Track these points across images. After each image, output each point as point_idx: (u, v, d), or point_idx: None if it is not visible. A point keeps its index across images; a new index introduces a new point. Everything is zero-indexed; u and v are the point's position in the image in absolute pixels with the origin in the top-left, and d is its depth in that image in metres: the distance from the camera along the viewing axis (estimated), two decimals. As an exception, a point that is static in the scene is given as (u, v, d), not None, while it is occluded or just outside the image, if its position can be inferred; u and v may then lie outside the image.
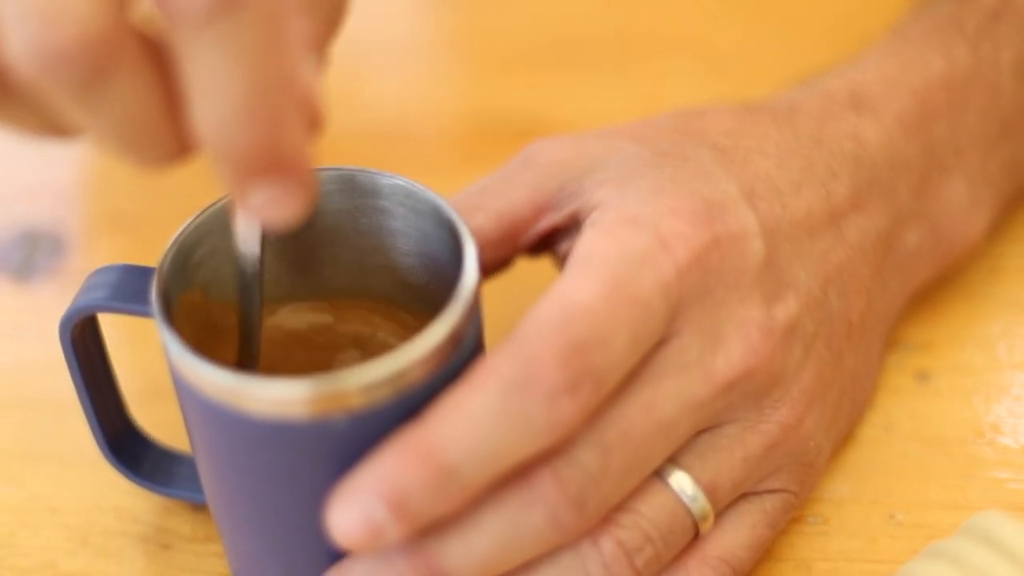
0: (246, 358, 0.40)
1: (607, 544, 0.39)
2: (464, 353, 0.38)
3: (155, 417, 0.47)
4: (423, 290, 0.43)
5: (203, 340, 0.41)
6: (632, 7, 0.66)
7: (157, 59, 0.31)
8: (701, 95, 0.57)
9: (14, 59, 0.30)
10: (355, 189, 0.41)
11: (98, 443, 0.44)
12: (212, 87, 0.30)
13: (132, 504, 0.47)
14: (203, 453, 0.39)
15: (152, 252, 0.54)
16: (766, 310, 0.41)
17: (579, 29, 0.65)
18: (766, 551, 0.43)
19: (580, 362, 0.36)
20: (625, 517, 0.39)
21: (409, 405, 0.37)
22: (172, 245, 0.40)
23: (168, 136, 0.32)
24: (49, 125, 0.33)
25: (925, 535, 0.44)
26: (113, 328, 0.51)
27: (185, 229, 0.40)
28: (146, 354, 0.50)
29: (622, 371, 0.38)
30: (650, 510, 0.39)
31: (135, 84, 0.31)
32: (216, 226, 0.41)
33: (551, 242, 0.45)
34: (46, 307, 0.54)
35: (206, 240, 0.41)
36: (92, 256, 0.55)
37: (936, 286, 0.51)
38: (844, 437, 0.46)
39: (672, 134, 0.45)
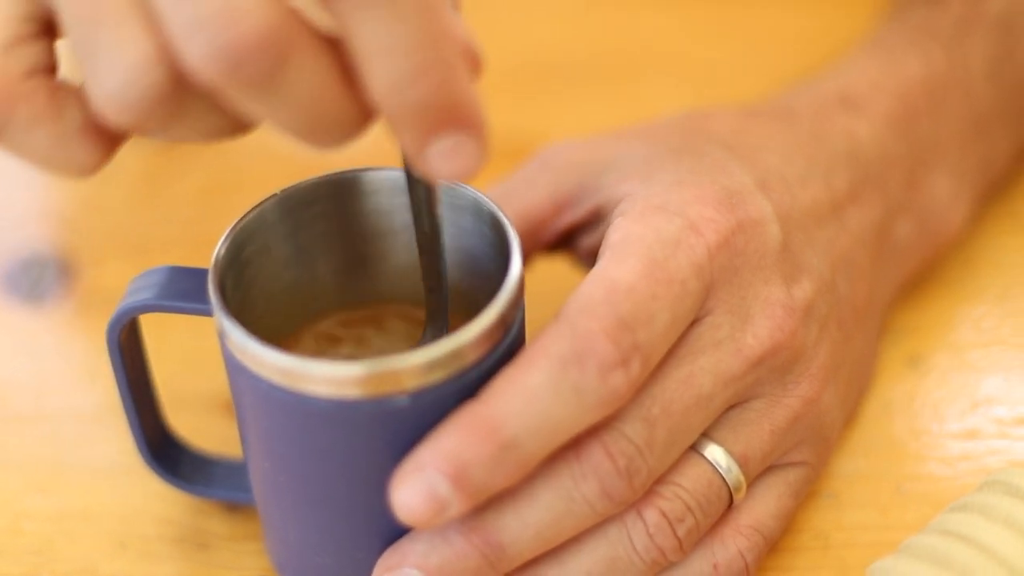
0: (436, 317, 0.42)
1: (651, 515, 0.41)
2: (511, 339, 0.40)
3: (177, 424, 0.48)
4: (459, 287, 0.44)
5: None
6: (616, 29, 0.69)
7: (324, 40, 0.33)
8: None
9: (194, 68, 0.31)
10: (392, 189, 0.43)
11: (139, 448, 0.45)
12: (383, 53, 0.32)
13: (166, 508, 0.48)
14: (260, 441, 0.41)
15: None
16: (787, 290, 0.43)
17: (565, 50, 0.68)
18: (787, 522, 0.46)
19: (629, 337, 0.38)
20: (666, 489, 0.41)
21: (465, 385, 0.39)
22: (225, 240, 0.41)
23: (347, 112, 0.33)
24: (225, 125, 0.34)
25: (932, 503, 0.46)
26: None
27: (235, 227, 0.41)
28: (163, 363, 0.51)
29: (664, 347, 0.40)
30: (689, 482, 0.41)
31: (312, 68, 0.32)
32: (260, 226, 0.42)
33: (569, 239, 0.48)
34: (61, 327, 0.55)
35: (253, 239, 0.42)
36: (100, 278, 0.56)
37: (919, 277, 0.53)
38: (851, 415, 0.49)
39: (681, 134, 0.48)
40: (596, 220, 0.46)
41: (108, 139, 0.36)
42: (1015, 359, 0.51)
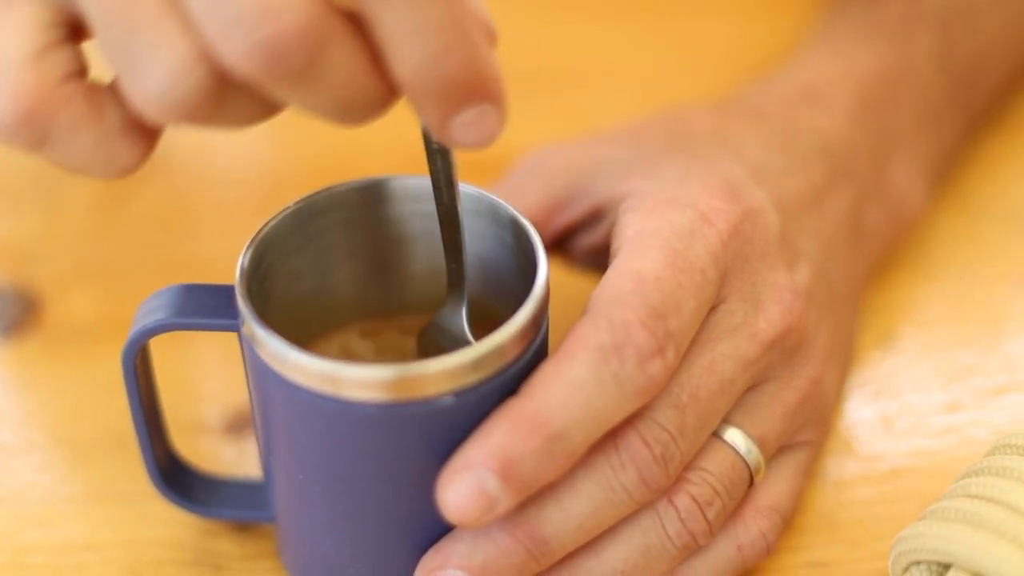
0: (455, 289, 0.42)
1: (683, 500, 0.42)
2: (541, 336, 0.40)
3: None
4: (480, 293, 0.45)
5: None
6: (558, 41, 0.70)
7: (353, 24, 0.33)
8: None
9: (234, 65, 0.32)
10: (404, 196, 0.44)
11: (150, 474, 0.45)
12: (409, 35, 0.32)
13: (173, 533, 0.47)
14: (295, 453, 0.41)
15: (125, 300, 0.55)
16: (790, 276, 0.44)
17: (510, 63, 0.69)
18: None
19: (662, 326, 0.39)
20: (694, 475, 0.42)
21: (505, 383, 0.39)
22: (246, 252, 0.41)
23: (377, 92, 0.34)
24: (260, 111, 0.34)
25: (925, 476, 0.48)
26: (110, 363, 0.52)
27: (254, 240, 0.41)
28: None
29: (692, 334, 0.41)
30: (714, 466, 0.42)
31: (346, 55, 0.33)
32: (275, 238, 0.42)
33: (563, 241, 0.48)
34: (38, 359, 0.54)
35: (268, 252, 0.42)
36: (68, 309, 0.55)
37: (884, 260, 0.55)
38: (841, 394, 0.50)
39: (664, 134, 0.49)
40: (594, 220, 0.47)
41: (148, 135, 0.36)
42: (983, 332, 0.54)
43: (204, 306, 0.42)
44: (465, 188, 0.43)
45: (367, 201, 0.44)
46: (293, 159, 0.64)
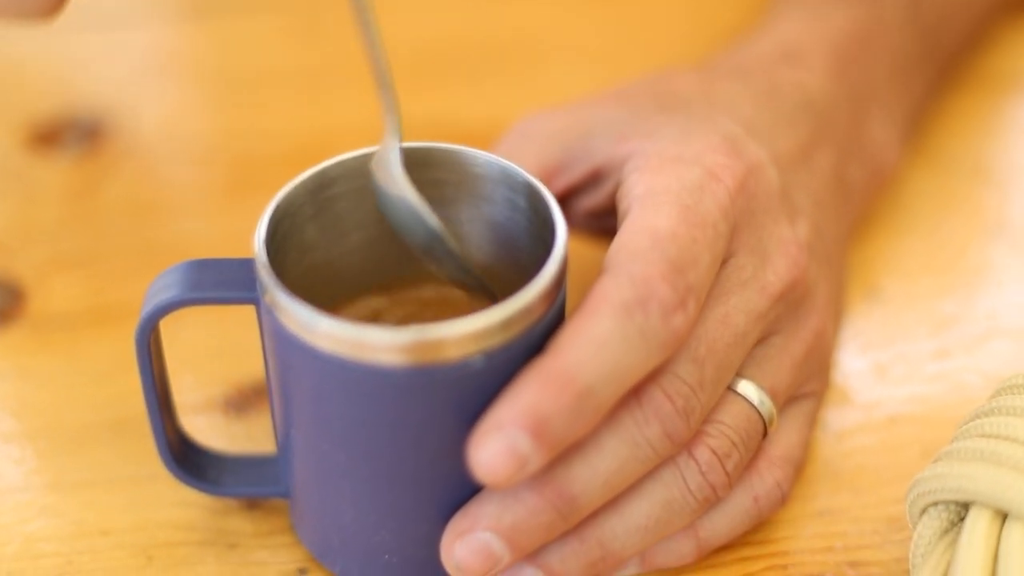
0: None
1: (702, 453, 0.42)
2: (562, 295, 0.41)
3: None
4: (488, 256, 0.45)
5: None
6: (514, 17, 0.70)
7: None
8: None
9: None
10: (416, 163, 0.44)
11: (161, 455, 0.44)
12: None
13: (183, 514, 0.47)
14: (319, 422, 0.40)
15: (108, 285, 0.55)
16: (792, 229, 0.45)
17: (468, 39, 0.69)
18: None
19: (682, 280, 0.40)
20: (711, 427, 0.43)
21: (531, 342, 0.39)
22: (264, 222, 0.40)
23: None
24: None
25: (922, 423, 0.49)
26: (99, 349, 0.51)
27: (270, 211, 0.41)
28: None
29: (708, 288, 0.41)
30: (730, 418, 0.43)
31: None
32: (290, 209, 0.42)
33: (563, 203, 0.49)
34: (27, 348, 0.53)
35: (281, 224, 0.42)
36: (50, 297, 0.55)
37: (865, 215, 0.57)
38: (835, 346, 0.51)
39: (653, 95, 0.49)
40: (595, 181, 0.47)
41: None
42: (963, 281, 0.55)
43: (219, 280, 0.41)
44: (476, 153, 0.43)
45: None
46: (258, 138, 0.63)
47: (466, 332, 0.38)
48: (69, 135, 0.63)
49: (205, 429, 0.49)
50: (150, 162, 0.62)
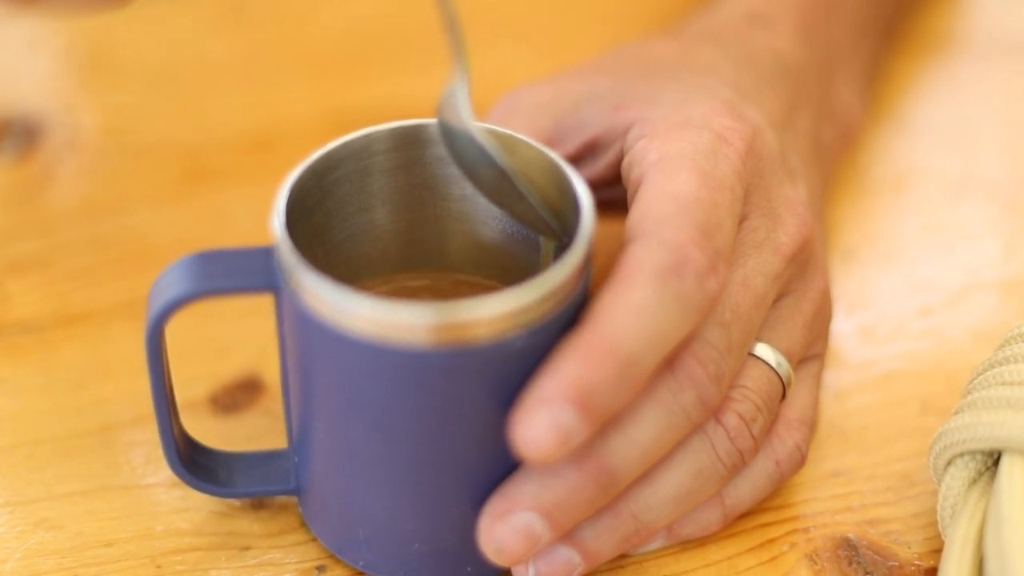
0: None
1: (731, 419, 0.42)
2: (589, 269, 0.40)
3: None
4: (500, 235, 0.44)
5: None
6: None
7: None
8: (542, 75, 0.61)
9: None
10: (424, 141, 0.42)
11: (168, 458, 0.43)
12: None
13: (186, 519, 0.45)
14: (348, 410, 0.39)
15: (70, 288, 0.53)
16: (795, 190, 0.45)
17: (415, 20, 0.68)
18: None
19: (711, 244, 0.39)
20: (736, 392, 0.42)
21: (568, 315, 0.39)
22: (279, 207, 0.39)
23: None
24: None
25: (919, 378, 0.50)
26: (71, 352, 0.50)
27: (288, 191, 0.40)
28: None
29: (731, 251, 0.41)
30: (752, 382, 0.43)
31: None
32: (299, 195, 0.41)
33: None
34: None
35: (293, 210, 0.40)
36: (10, 304, 0.52)
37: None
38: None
39: (636, 63, 0.49)
40: (591, 153, 0.46)
41: None
42: (936, 240, 0.56)
43: (231, 270, 0.40)
44: (492, 128, 0.42)
45: (387, 148, 0.42)
46: (201, 128, 0.61)
47: (505, 309, 0.37)
48: (4, 137, 0.60)
49: (194, 430, 0.47)
50: (92, 158, 0.60)
